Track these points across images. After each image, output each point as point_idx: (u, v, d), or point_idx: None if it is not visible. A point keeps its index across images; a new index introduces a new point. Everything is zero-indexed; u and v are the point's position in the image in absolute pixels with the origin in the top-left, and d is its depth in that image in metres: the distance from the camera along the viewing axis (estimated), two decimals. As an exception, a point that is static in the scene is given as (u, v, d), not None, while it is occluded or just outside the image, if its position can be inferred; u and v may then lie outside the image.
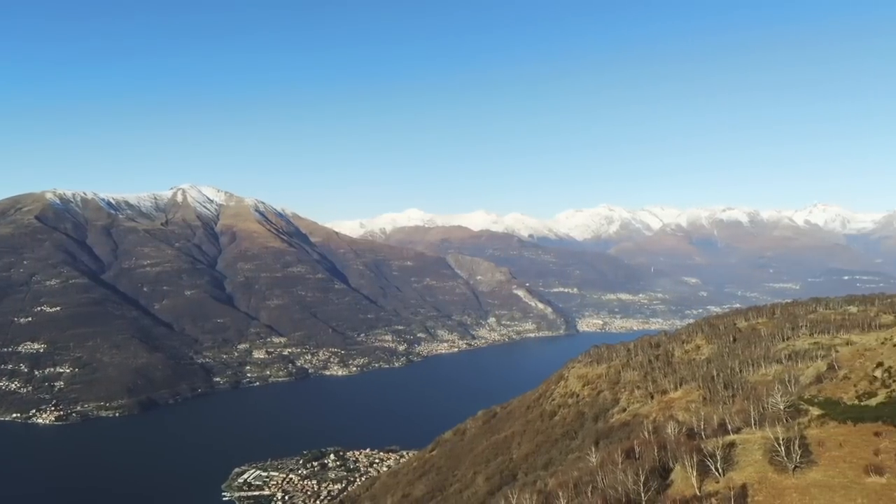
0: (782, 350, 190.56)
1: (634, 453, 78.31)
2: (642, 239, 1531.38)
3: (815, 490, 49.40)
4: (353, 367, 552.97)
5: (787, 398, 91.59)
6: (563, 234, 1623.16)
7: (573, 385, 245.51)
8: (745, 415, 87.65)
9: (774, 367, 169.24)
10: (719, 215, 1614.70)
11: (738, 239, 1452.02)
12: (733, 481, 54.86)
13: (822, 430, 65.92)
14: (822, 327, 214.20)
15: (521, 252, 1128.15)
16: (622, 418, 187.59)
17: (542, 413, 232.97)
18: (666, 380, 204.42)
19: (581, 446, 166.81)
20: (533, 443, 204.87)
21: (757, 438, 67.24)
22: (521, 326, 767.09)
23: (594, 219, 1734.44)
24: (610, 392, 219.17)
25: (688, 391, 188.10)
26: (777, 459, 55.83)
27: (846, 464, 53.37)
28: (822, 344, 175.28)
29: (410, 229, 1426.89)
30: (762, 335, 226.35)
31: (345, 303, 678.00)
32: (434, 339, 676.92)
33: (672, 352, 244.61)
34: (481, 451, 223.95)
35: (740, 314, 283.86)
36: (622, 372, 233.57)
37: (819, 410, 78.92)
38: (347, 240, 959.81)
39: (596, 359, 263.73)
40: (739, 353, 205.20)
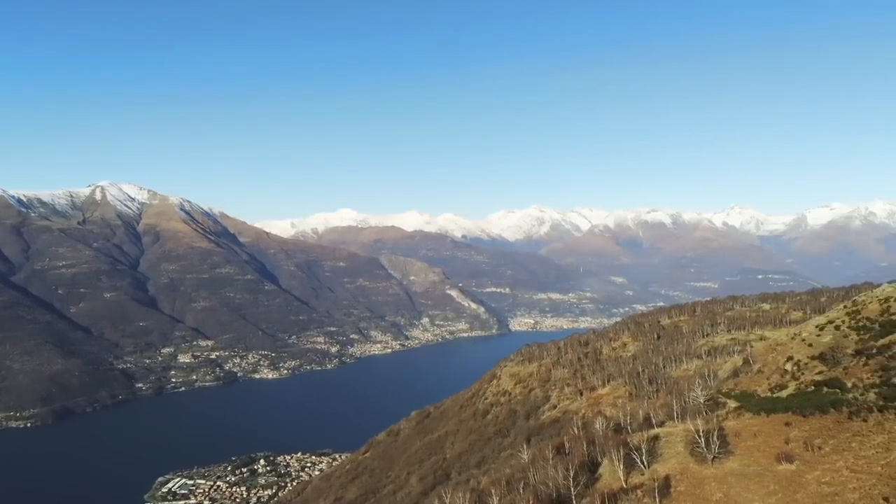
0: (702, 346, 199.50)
1: (565, 449, 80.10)
2: (572, 240, 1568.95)
3: (733, 478, 51.95)
4: (284, 369, 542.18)
5: (706, 392, 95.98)
6: (496, 234, 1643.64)
7: (505, 384, 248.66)
8: (668, 409, 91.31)
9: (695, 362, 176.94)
10: (644, 217, 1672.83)
11: (661, 240, 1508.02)
12: (657, 473, 57.08)
13: (738, 421, 69.33)
14: (739, 324, 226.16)
15: (454, 252, 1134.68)
16: (553, 415, 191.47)
17: (475, 412, 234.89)
18: (595, 377, 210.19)
19: (513, 444, 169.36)
20: (466, 442, 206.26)
21: (679, 431, 70.17)
22: (454, 326, 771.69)
23: (526, 220, 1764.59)
24: (541, 390, 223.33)
25: (615, 387, 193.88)
26: (697, 451, 58.48)
27: (760, 453, 56.34)
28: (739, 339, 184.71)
29: (343, 229, 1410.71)
30: (684, 332, 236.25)
31: (275, 304, 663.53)
32: (367, 340, 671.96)
33: (600, 349, 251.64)
34: (415, 452, 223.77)
35: (664, 312, 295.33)
36: (553, 370, 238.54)
37: (735, 403, 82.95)
38: (278, 240, 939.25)
39: (527, 357, 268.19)
40: (663, 349, 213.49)
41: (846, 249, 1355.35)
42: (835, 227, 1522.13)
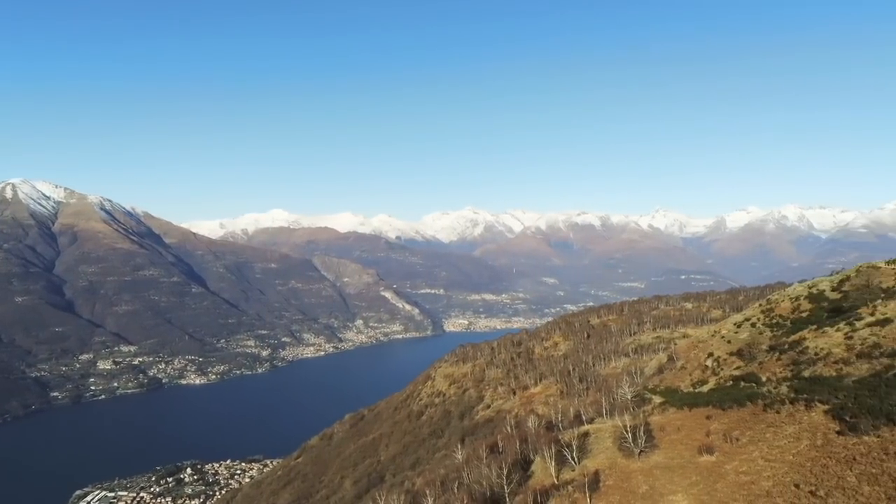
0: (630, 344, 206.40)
1: (498, 448, 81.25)
2: (505, 241, 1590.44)
3: (658, 471, 54.04)
4: (212, 374, 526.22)
5: (633, 388, 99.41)
6: (430, 235, 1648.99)
7: (440, 384, 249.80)
8: (597, 406, 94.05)
9: (623, 360, 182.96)
10: (575, 219, 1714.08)
11: (591, 241, 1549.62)
12: (587, 468, 58.79)
13: (663, 416, 72.13)
14: (664, 322, 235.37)
15: (388, 254, 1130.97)
16: (487, 415, 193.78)
17: (409, 413, 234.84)
18: (527, 376, 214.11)
19: (448, 444, 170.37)
20: (401, 443, 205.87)
21: (608, 427, 72.45)
22: (388, 328, 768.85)
23: (460, 221, 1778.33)
24: (475, 390, 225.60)
25: (547, 386, 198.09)
26: (625, 446, 60.60)
27: (683, 446, 58.86)
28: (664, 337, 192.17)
29: (275, 230, 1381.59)
30: (613, 331, 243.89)
31: (203, 307, 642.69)
32: (300, 342, 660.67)
33: (533, 349, 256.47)
34: (349, 455, 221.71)
35: (593, 312, 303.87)
36: (486, 370, 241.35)
37: (661, 398, 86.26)
38: (206, 241, 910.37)
39: (462, 358, 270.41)
40: (593, 348, 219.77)
41: (761, 251, 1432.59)
42: (751, 230, 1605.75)
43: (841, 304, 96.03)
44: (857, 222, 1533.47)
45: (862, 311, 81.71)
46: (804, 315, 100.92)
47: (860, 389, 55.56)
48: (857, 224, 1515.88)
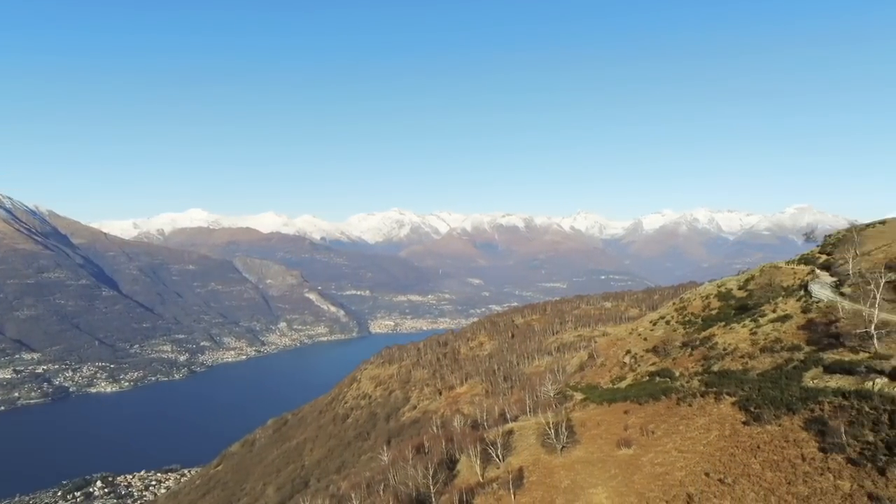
0: (552, 343, 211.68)
1: (424, 448, 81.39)
2: (431, 242, 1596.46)
3: (579, 466, 55.73)
4: (125, 382, 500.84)
5: (556, 386, 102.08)
6: (356, 236, 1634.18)
7: (366, 386, 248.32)
8: (521, 404, 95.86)
9: (546, 358, 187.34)
10: (500, 220, 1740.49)
11: (515, 242, 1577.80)
12: (512, 465, 59.97)
13: (584, 412, 74.41)
14: (585, 321, 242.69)
15: (313, 255, 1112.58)
16: (413, 415, 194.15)
17: (334, 417, 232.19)
18: (453, 376, 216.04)
19: (374, 446, 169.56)
20: (326, 447, 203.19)
21: (531, 425, 74.14)
22: (313, 330, 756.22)
23: (386, 222, 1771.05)
24: (401, 391, 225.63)
25: (473, 385, 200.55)
26: (548, 442, 62.25)
27: (603, 440, 60.94)
28: (585, 336, 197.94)
29: (193, 230, 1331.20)
30: (536, 330, 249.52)
31: (115, 311, 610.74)
32: (220, 346, 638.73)
33: (458, 349, 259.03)
34: (272, 461, 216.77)
35: (518, 312, 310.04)
36: (413, 371, 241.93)
37: (582, 395, 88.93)
38: (118, 241, 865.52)
39: (388, 359, 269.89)
40: (517, 347, 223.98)
41: (675, 252, 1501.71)
42: (665, 232, 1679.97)
43: (746, 301, 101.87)
44: (761, 225, 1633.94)
45: (765, 308, 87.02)
46: (714, 313, 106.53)
47: (763, 382, 59.16)
48: (761, 227, 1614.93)
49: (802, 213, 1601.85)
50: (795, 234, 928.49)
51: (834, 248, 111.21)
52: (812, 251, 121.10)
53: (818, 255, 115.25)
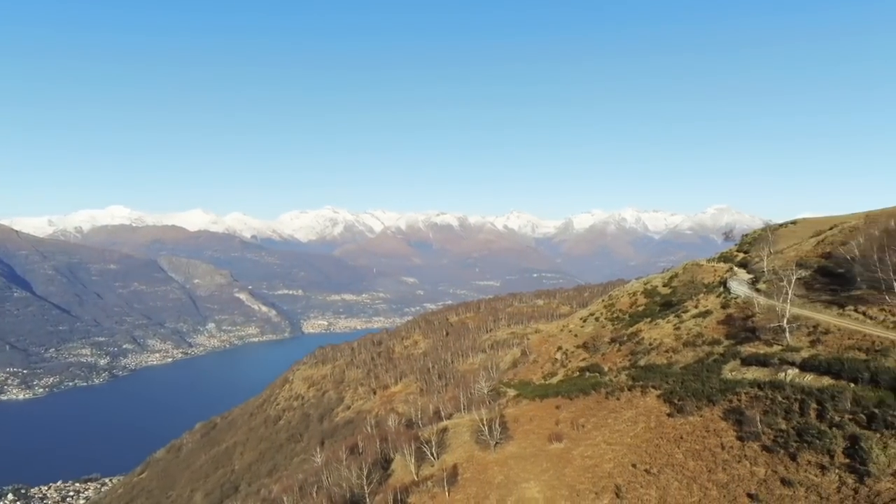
0: (486, 341, 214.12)
1: (358, 449, 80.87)
2: (365, 241, 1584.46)
3: (512, 461, 56.58)
4: (39, 388, 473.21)
5: (490, 383, 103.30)
6: (288, 235, 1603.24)
7: (298, 387, 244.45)
8: (456, 401, 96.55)
9: (480, 356, 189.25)
10: (434, 219, 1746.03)
11: (450, 241, 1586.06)
12: (446, 463, 60.31)
13: (517, 408, 75.66)
14: (518, 319, 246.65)
15: (243, 254, 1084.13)
16: (347, 416, 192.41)
17: (266, 419, 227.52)
18: (388, 375, 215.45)
19: (307, 448, 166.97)
20: (257, 450, 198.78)
21: (466, 422, 74.82)
22: (243, 331, 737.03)
23: (319, 220, 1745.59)
24: (335, 391, 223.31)
25: (407, 384, 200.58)
26: (482, 438, 62.99)
27: (535, 435, 62.11)
28: (518, 333, 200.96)
29: (114, 228, 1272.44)
30: (470, 328, 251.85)
31: (28, 313, 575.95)
32: (144, 349, 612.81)
33: (393, 348, 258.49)
34: (200, 467, 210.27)
35: (452, 310, 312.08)
36: (346, 371, 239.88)
37: (515, 391, 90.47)
38: (31, 240, 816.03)
39: (321, 360, 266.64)
40: (451, 345, 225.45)
41: (604, 251, 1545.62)
42: (595, 231, 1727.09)
43: (671, 298, 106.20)
44: (684, 225, 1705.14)
45: (688, 304, 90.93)
46: (640, 309, 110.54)
47: (686, 375, 61.77)
48: (684, 226, 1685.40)
49: (722, 213, 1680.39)
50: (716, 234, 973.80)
51: (750, 247, 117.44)
52: (730, 250, 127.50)
53: (736, 253, 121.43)
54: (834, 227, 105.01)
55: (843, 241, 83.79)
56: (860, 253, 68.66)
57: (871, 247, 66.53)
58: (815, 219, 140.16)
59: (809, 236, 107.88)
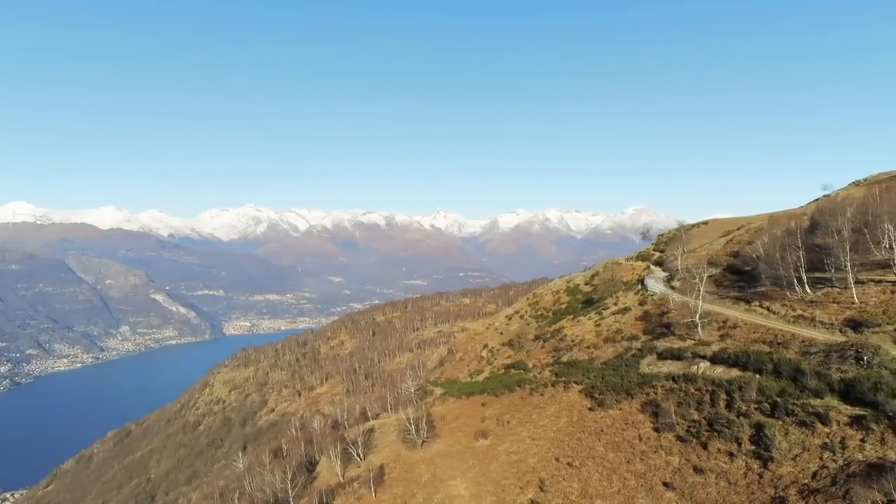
0: (413, 339, 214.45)
1: (282, 452, 79.27)
2: (290, 240, 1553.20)
3: (439, 459, 56.90)
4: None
5: (417, 382, 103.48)
6: (208, 234, 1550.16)
7: (219, 391, 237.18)
8: (382, 401, 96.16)
9: (407, 355, 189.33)
10: (360, 218, 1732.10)
11: (376, 240, 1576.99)
12: (373, 463, 60.05)
13: (443, 406, 76.14)
14: (444, 317, 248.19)
15: (160, 253, 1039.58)
16: (271, 419, 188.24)
17: (184, 424, 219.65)
18: (313, 376, 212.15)
19: (228, 453, 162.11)
20: (175, 458, 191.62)
21: (392, 421, 74.71)
22: (160, 334, 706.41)
23: (241, 219, 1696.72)
24: (258, 394, 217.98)
25: (333, 385, 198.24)
26: (409, 438, 63.11)
27: (462, 433, 62.73)
28: (444, 332, 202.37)
29: (16, 226, 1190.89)
30: (397, 327, 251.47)
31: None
32: (50, 354, 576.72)
33: (319, 349, 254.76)
34: (112, 477, 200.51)
35: (379, 309, 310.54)
36: (270, 373, 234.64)
37: (441, 390, 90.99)
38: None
39: (243, 362, 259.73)
40: (378, 345, 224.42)
41: (529, 250, 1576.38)
42: (520, 231, 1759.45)
43: (592, 296, 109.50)
44: (604, 225, 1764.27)
45: (608, 301, 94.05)
46: (563, 307, 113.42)
47: (606, 370, 63.97)
48: (604, 226, 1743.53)
49: (640, 213, 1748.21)
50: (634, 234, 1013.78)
51: (666, 246, 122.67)
52: (648, 249, 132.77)
53: (653, 252, 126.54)
54: (741, 227, 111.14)
55: (750, 241, 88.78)
56: (764, 252, 72.91)
57: (774, 246, 70.83)
58: (724, 219, 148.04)
59: (719, 236, 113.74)
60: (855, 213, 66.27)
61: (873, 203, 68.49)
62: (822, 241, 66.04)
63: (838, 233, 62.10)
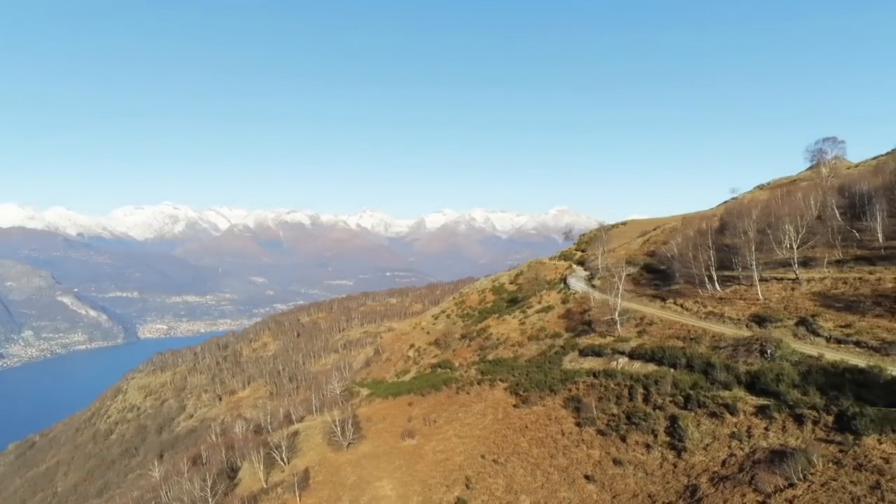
0: (339, 340, 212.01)
1: (202, 459, 76.68)
2: (210, 239, 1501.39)
3: (365, 461, 56.48)
4: None
5: (343, 383, 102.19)
6: (121, 233, 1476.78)
7: (133, 397, 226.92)
8: (307, 403, 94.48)
9: (333, 356, 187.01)
10: (284, 217, 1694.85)
11: (301, 240, 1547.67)
12: (297, 467, 58.89)
13: (370, 407, 75.65)
14: (371, 317, 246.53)
15: (67, 253, 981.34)
16: (189, 425, 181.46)
17: (95, 434, 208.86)
18: (234, 380, 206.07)
19: (143, 462, 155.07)
20: (84, 469, 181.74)
21: (318, 424, 73.52)
22: (68, 338, 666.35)
23: (157, 217, 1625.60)
24: (176, 400, 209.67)
25: (256, 388, 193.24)
26: (334, 440, 62.36)
27: (388, 433, 62.51)
28: (371, 332, 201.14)
29: None
30: (323, 328, 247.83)
31: None
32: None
33: (240, 351, 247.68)
34: (14, 492, 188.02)
35: (303, 310, 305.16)
36: (189, 377, 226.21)
37: (368, 390, 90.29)
38: None
39: (160, 366, 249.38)
40: (303, 346, 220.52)
41: (455, 249, 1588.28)
42: (446, 230, 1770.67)
43: (517, 295, 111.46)
44: (529, 225, 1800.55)
45: (532, 300, 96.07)
46: (489, 305, 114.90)
47: (531, 367, 65.35)
48: (529, 226, 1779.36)
49: (562, 214, 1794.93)
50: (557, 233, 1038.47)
51: (587, 246, 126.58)
52: (570, 248, 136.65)
53: (575, 251, 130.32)
54: (657, 228, 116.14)
55: (665, 241, 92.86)
56: (678, 251, 76.49)
57: (687, 246, 74.47)
58: (642, 220, 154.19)
59: (637, 236, 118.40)
60: (759, 214, 70.57)
61: (776, 205, 73.09)
62: (731, 241, 70.06)
63: (745, 233, 65.96)
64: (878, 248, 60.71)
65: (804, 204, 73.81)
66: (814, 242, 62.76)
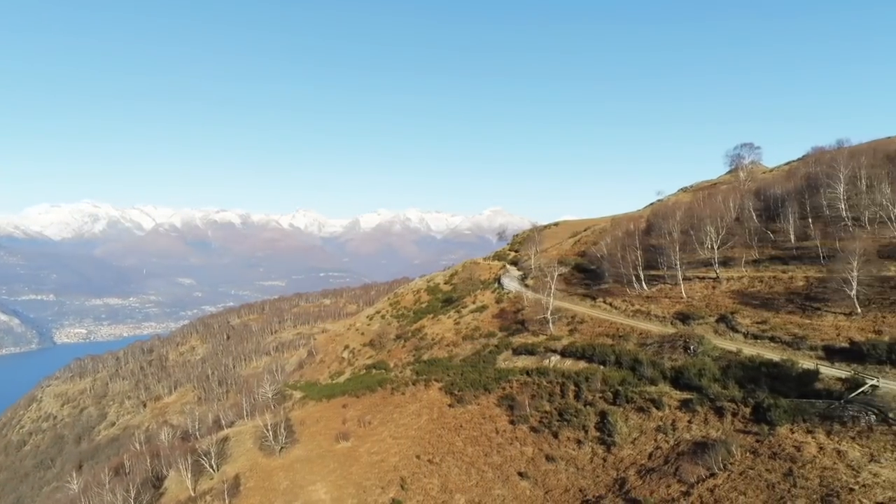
0: (271, 342, 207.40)
1: (125, 469, 73.53)
2: (133, 239, 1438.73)
3: (299, 465, 55.49)
4: None
5: (275, 386, 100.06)
6: (35, 232, 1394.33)
7: (49, 406, 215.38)
8: (238, 408, 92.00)
9: (265, 358, 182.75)
10: (213, 217, 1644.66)
11: (231, 240, 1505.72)
12: (227, 474, 57.21)
13: (303, 410, 74.35)
14: (304, 319, 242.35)
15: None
16: (111, 434, 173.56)
17: (6, 445, 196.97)
18: (160, 385, 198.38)
19: (60, 474, 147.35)
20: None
21: (249, 429, 71.68)
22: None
23: (76, 216, 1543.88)
24: (96, 407, 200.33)
25: (183, 393, 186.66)
26: (266, 444, 60.96)
27: (322, 436, 61.62)
28: (304, 333, 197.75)
29: None
30: (254, 330, 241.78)
31: None
32: None
33: (166, 355, 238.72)
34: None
35: (234, 312, 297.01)
36: (110, 383, 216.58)
37: (301, 393, 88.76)
38: None
39: (78, 373, 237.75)
40: (233, 349, 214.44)
41: (390, 249, 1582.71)
42: (381, 230, 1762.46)
43: (451, 294, 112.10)
44: (463, 225, 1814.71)
45: (466, 300, 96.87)
46: (424, 306, 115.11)
47: (465, 367, 65.84)
48: (463, 227, 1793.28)
49: (496, 214, 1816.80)
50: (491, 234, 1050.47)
51: (520, 246, 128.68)
52: (504, 249, 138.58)
53: (508, 251, 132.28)
54: (588, 228, 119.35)
55: (595, 241, 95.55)
56: (607, 251, 78.90)
57: (616, 246, 76.91)
58: (573, 221, 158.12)
59: (568, 237, 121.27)
60: (683, 216, 73.78)
61: (698, 208, 76.59)
62: (657, 241, 72.92)
63: (669, 234, 68.79)
64: (790, 249, 64.53)
65: (724, 206, 77.66)
66: (733, 243, 66.13)
